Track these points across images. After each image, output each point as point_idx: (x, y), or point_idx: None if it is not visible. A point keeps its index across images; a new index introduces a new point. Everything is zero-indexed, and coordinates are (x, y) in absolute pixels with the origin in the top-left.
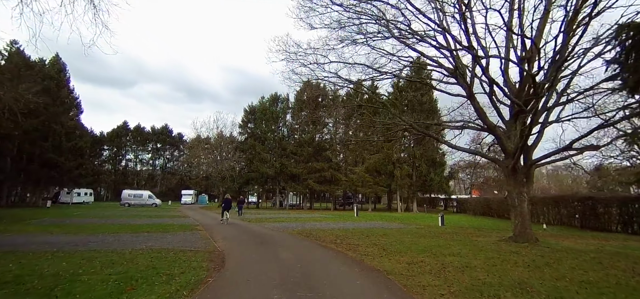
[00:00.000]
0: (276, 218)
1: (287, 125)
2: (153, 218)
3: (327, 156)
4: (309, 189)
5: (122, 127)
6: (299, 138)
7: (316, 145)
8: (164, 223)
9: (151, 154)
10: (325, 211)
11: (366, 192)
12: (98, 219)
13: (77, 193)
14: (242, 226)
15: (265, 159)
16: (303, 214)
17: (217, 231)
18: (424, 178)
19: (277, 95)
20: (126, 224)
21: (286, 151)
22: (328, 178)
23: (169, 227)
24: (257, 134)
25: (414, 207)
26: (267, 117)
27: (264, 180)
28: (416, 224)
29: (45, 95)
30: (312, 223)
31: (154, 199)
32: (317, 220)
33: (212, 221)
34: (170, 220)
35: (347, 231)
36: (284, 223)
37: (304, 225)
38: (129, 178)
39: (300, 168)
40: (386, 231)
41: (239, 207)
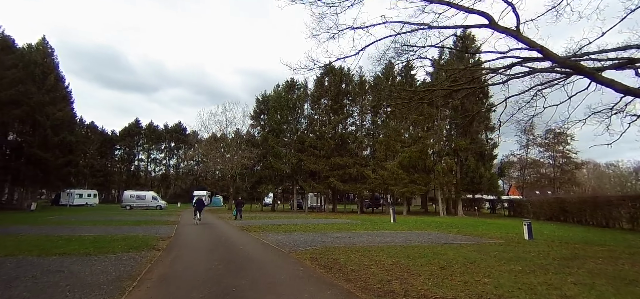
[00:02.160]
0: (288, 226)
1: (305, 115)
2: (120, 226)
3: (352, 149)
4: (331, 188)
5: (133, 125)
6: (319, 130)
7: (339, 136)
8: (122, 234)
9: (164, 153)
10: (350, 215)
11: (400, 192)
12: (61, 227)
13: (79, 195)
14: (230, 238)
15: (281, 154)
16: (324, 218)
17: (177, 255)
18: (472, 175)
19: (294, 81)
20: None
21: (304, 145)
22: (353, 176)
23: (115, 243)
24: (270, 126)
25: (459, 209)
26: (282, 105)
27: (279, 179)
28: (488, 236)
29: (29, 82)
30: (336, 233)
31: (158, 201)
32: (343, 227)
33: (198, 229)
34: (142, 230)
35: (396, 252)
36: (296, 235)
37: (325, 238)
38: (141, 178)
39: (321, 164)
40: (468, 255)
41: (237, 209)
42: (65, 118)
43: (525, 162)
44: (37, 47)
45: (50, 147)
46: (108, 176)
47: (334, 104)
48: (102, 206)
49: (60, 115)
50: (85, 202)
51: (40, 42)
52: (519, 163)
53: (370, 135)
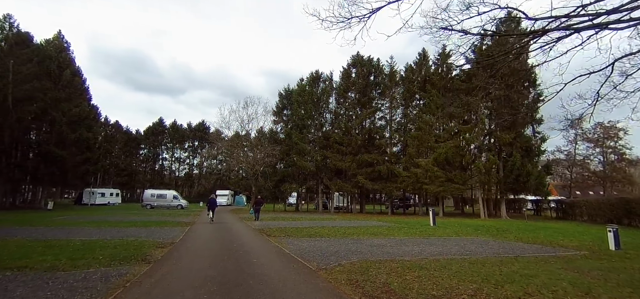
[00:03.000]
0: (313, 230)
1: (330, 110)
2: (127, 228)
3: (381, 145)
4: (359, 187)
5: (157, 124)
6: (345, 125)
7: (367, 132)
8: (119, 239)
9: (188, 152)
10: (381, 216)
11: (435, 191)
12: (61, 229)
13: (101, 194)
14: (244, 245)
15: (304, 151)
16: (353, 220)
17: (166, 273)
18: (517, 173)
19: (319, 73)
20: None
21: (329, 141)
22: (383, 174)
23: (102, 251)
24: (294, 121)
25: (502, 211)
26: (306, 99)
27: (303, 177)
28: (559, 245)
29: (45, 77)
30: (372, 240)
31: (179, 200)
32: (378, 232)
33: (210, 232)
34: (146, 233)
35: (464, 270)
36: (324, 241)
37: (361, 246)
38: (165, 178)
39: (348, 161)
40: (566, 276)
41: (255, 209)
42: (82, 114)
43: (573, 159)
44: (53, 41)
45: (66, 144)
46: (132, 175)
47: (362, 97)
48: (124, 205)
49: (77, 112)
50: (107, 201)
51: (55, 37)
52: (567, 161)
53: (401, 130)
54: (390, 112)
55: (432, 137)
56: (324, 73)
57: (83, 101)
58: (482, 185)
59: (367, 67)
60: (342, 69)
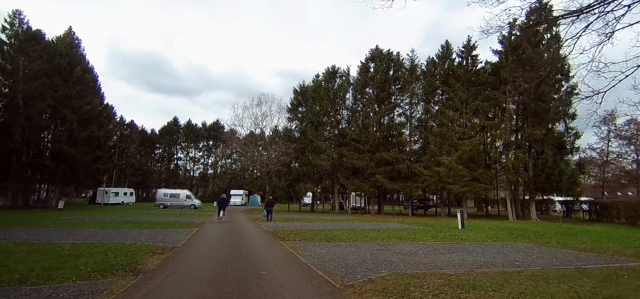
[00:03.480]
0: (332, 233)
1: (347, 106)
2: (129, 229)
3: (401, 142)
4: (377, 187)
5: (172, 123)
6: (363, 121)
7: (385, 129)
8: (114, 242)
9: (202, 152)
10: (400, 217)
11: (460, 191)
12: (61, 231)
13: (115, 193)
14: (253, 252)
15: (320, 149)
16: (373, 222)
17: (150, 292)
18: (549, 171)
19: (335, 68)
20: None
21: (346, 139)
22: (403, 173)
23: (87, 259)
24: (309, 118)
25: (531, 212)
26: (322, 95)
27: (318, 176)
28: (617, 253)
29: (55, 74)
30: (400, 245)
31: (192, 199)
32: (404, 236)
33: (218, 235)
34: (147, 235)
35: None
36: (346, 247)
37: (389, 254)
38: (180, 177)
39: (365, 159)
40: None
41: (267, 210)
42: (93, 112)
43: (606, 157)
44: (64, 38)
45: (77, 142)
46: (148, 175)
47: (381, 92)
48: (138, 205)
49: (88, 109)
50: (121, 201)
51: (66, 33)
52: (599, 158)
53: (422, 127)
54: (410, 108)
55: (456, 134)
56: (341, 69)
57: (94, 98)
58: (510, 184)
59: (386, 62)
60: (360, 64)
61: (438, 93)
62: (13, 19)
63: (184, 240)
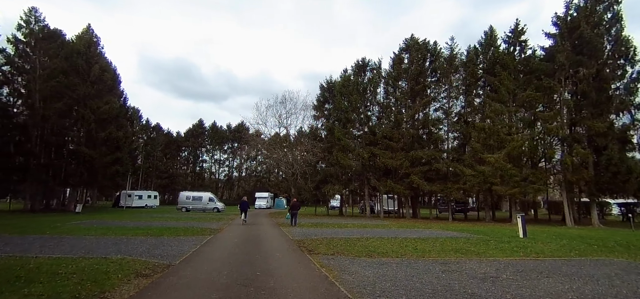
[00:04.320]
0: (371, 243)
1: (378, 101)
2: (134, 236)
3: (439, 139)
4: (413, 189)
5: (197, 125)
6: (396, 117)
7: (421, 124)
8: (97, 258)
9: (227, 154)
10: (441, 222)
11: (510, 193)
12: (58, 239)
13: (139, 196)
14: (274, 273)
15: (349, 147)
16: (412, 228)
17: None
18: (615, 169)
19: (365, 61)
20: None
21: (377, 136)
22: (442, 173)
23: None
24: (336, 115)
25: (593, 217)
26: (351, 90)
27: (347, 177)
28: None
29: (73, 73)
30: (465, 261)
31: (215, 202)
32: (462, 249)
33: (232, 247)
34: (149, 245)
35: None
36: (395, 265)
37: (462, 278)
38: (206, 180)
39: (399, 158)
40: None
41: (291, 214)
42: (112, 112)
43: None
44: (82, 35)
45: (96, 143)
46: (173, 177)
47: (416, 85)
48: (161, 208)
49: (106, 109)
50: (144, 204)
51: (85, 30)
52: None
53: (461, 122)
54: (448, 101)
55: (503, 128)
56: (372, 61)
57: (113, 98)
58: (567, 184)
59: (422, 51)
60: (393, 55)
61: (479, 85)
62: (29, 16)
63: (187, 254)
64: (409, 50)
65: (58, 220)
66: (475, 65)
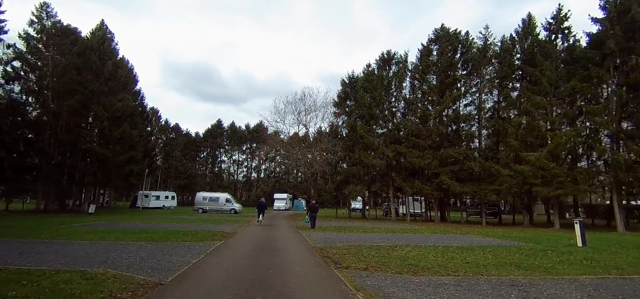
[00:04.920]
0: (406, 251)
1: (404, 97)
2: (133, 242)
3: (471, 136)
4: (443, 190)
5: (216, 126)
6: (423, 113)
7: (451, 120)
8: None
9: (245, 155)
10: (475, 227)
11: (554, 195)
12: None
13: (156, 197)
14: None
15: (372, 145)
16: (447, 234)
17: None
18: None
19: (390, 54)
20: None
21: (402, 134)
22: (475, 173)
23: None
24: (359, 112)
25: None
26: (375, 85)
27: (370, 178)
28: None
29: (86, 69)
30: (538, 281)
31: (232, 204)
32: (520, 263)
33: (240, 259)
34: (145, 253)
35: None
36: (450, 286)
37: None
38: (224, 181)
39: (427, 157)
40: None
41: (310, 216)
42: (126, 110)
43: None
44: (95, 32)
45: (110, 142)
46: (192, 178)
47: (445, 78)
48: (178, 209)
49: (120, 106)
50: (162, 205)
51: (98, 26)
52: None
53: (496, 117)
54: (480, 96)
55: (544, 124)
56: (397, 54)
57: (127, 95)
58: (618, 185)
59: (453, 42)
60: (421, 47)
61: (515, 78)
62: (40, 11)
63: (185, 267)
64: (438, 41)
65: (65, 222)
66: (511, 56)
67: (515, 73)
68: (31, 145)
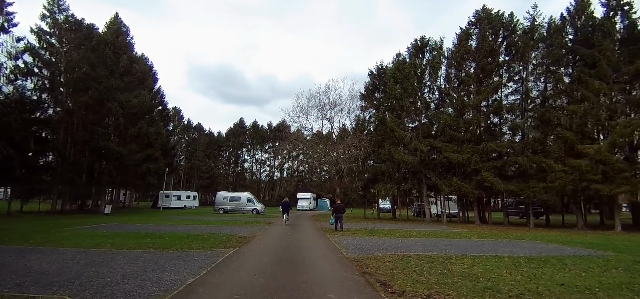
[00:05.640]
0: (461, 260)
1: (438, 86)
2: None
3: (517, 127)
4: (483, 188)
5: (238, 125)
6: (461, 102)
7: (493, 110)
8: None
9: (268, 154)
10: (522, 230)
11: (616, 193)
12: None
13: (177, 197)
14: None
15: (403, 139)
16: (502, 239)
17: None
18: None
19: (424, 40)
20: None
21: (438, 126)
22: (522, 169)
23: None
24: (388, 103)
25: None
26: (407, 73)
27: (402, 175)
28: None
29: (100, 64)
30: None
31: (254, 203)
32: (637, 284)
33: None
34: (132, 268)
35: None
36: None
37: None
38: (247, 180)
39: (466, 152)
40: None
41: (336, 217)
42: (143, 106)
43: None
44: (110, 25)
45: (126, 139)
46: (214, 178)
47: (487, 65)
48: (200, 209)
49: (136, 103)
50: (183, 205)
51: (113, 20)
52: None
53: (546, 105)
54: (526, 83)
55: (604, 112)
56: (433, 40)
57: (144, 91)
58: None
59: (495, 25)
60: (459, 31)
61: (565, 62)
62: (52, 5)
63: (174, 291)
64: (479, 24)
65: (74, 224)
66: (562, 37)
67: (566, 56)
68: (44, 143)
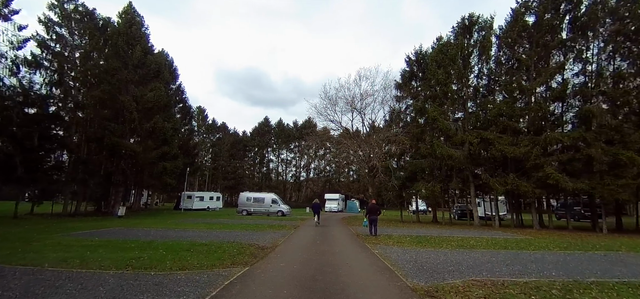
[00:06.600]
0: (582, 290)
1: (489, 69)
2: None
3: (589, 113)
4: (547, 186)
5: (263, 123)
6: (519, 86)
7: (557, 95)
8: None
9: (294, 153)
10: (592, 235)
11: None
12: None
13: (200, 198)
14: None
15: (448, 130)
16: (588, 251)
17: None
18: None
19: (474, 17)
20: None
21: (488, 115)
22: (597, 162)
23: None
24: (429, 91)
25: None
26: (452, 55)
27: (445, 172)
28: None
29: (112, 56)
30: None
31: (279, 205)
32: None
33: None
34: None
35: None
36: None
37: None
38: (273, 181)
39: (524, 144)
40: None
41: (370, 219)
42: (159, 100)
43: None
44: (123, 14)
45: (141, 136)
46: (239, 178)
47: (551, 42)
48: (223, 210)
49: (152, 97)
50: (206, 206)
51: (126, 8)
52: None
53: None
54: (599, 62)
55: None
56: (482, 17)
57: (159, 85)
58: None
59: None
60: (515, 5)
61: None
62: None
63: None
64: None
65: (72, 228)
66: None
67: None
68: (52, 140)
